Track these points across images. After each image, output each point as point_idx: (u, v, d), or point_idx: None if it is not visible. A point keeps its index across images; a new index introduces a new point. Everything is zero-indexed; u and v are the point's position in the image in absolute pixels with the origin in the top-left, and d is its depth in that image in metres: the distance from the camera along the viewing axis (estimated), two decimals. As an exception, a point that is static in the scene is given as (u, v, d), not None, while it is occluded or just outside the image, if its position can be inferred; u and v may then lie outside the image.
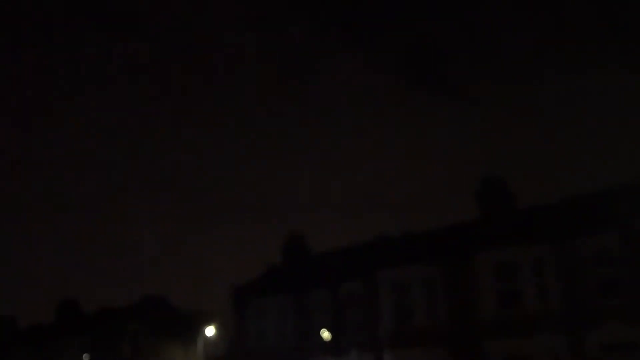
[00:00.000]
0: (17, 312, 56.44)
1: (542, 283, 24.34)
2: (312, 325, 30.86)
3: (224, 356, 48.00)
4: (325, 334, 30.28)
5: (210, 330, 43.18)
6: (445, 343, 25.90)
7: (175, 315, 44.69)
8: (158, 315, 43.32)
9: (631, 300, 22.64)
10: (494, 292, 25.03)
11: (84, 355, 41.25)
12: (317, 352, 30.14)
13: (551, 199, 27.62)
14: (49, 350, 43.69)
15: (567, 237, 24.41)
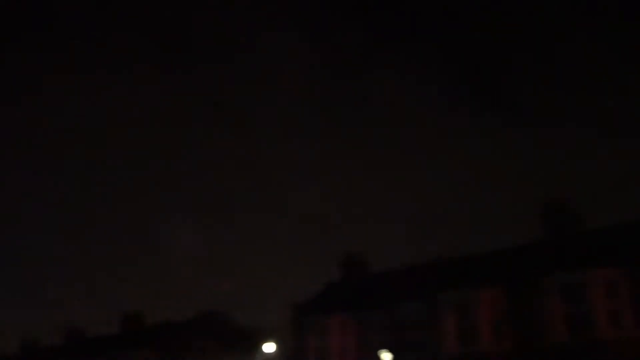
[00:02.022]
0: (85, 323, 58.24)
1: (614, 307, 23.54)
2: (371, 344, 30.69)
3: (283, 373, 48.22)
4: (385, 354, 30.07)
5: (269, 347, 43.49)
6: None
7: (235, 331, 45.27)
8: (219, 330, 43.97)
9: None
10: (563, 316, 24.36)
11: (147, 366, 42.17)
12: (377, 372, 29.93)
13: (622, 221, 26.79)
14: (113, 360, 44.89)
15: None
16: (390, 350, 29.89)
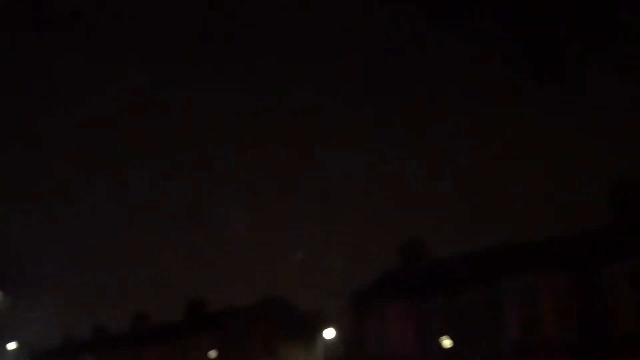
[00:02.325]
0: (149, 309, 59.97)
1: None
2: (432, 332, 30.40)
3: (343, 359, 48.47)
4: (446, 342, 29.76)
5: (329, 333, 43.77)
6: (576, 357, 24.55)
7: (296, 317, 45.69)
8: (281, 316, 44.47)
9: None
10: (631, 305, 23.42)
11: (211, 351, 43.17)
12: (437, 359, 29.66)
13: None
14: (178, 346, 46.16)
15: None
16: (451, 338, 29.56)
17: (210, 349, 43.39)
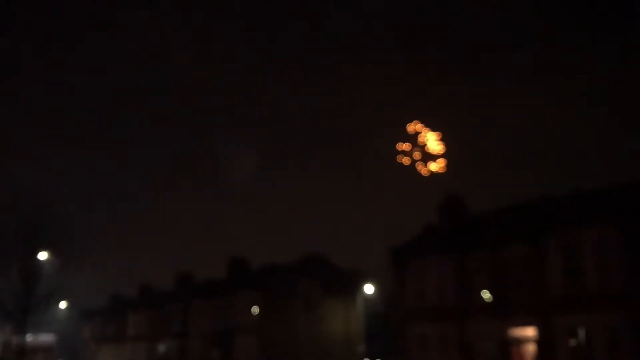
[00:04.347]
0: (193, 268, 61.39)
1: None
2: (472, 286, 30.23)
3: (383, 314, 48.90)
4: (487, 295, 29.61)
5: (369, 288, 44.11)
6: (623, 308, 24.09)
7: (336, 273, 46.12)
8: (322, 272, 44.95)
9: None
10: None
11: (254, 307, 44.00)
12: (478, 313, 29.56)
13: None
14: (221, 303, 47.17)
15: None
16: (492, 292, 29.37)
17: (253, 305, 44.18)
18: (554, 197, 30.20)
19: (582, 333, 25.38)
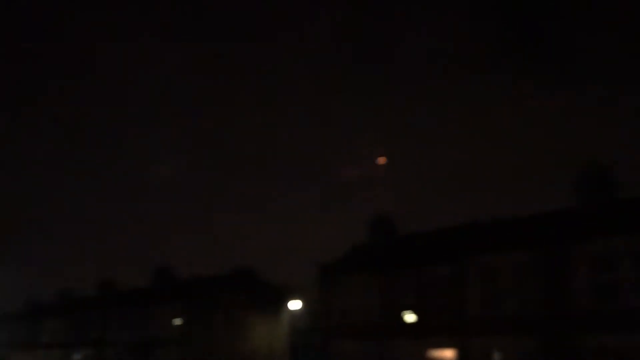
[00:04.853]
0: (116, 276, 59.73)
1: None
2: (396, 305, 30.75)
3: (308, 330, 48.88)
4: (408, 316, 30.15)
5: (295, 304, 44.06)
6: (536, 333, 25.06)
7: (263, 288, 45.87)
8: (247, 287, 44.62)
9: None
10: (591, 285, 23.88)
11: (176, 319, 43.16)
12: (400, 333, 30.07)
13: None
14: (143, 312, 46.06)
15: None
16: (415, 312, 29.95)
17: (176, 316, 43.36)
18: (477, 223, 31.22)
19: (498, 356, 26.16)
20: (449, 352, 28.20)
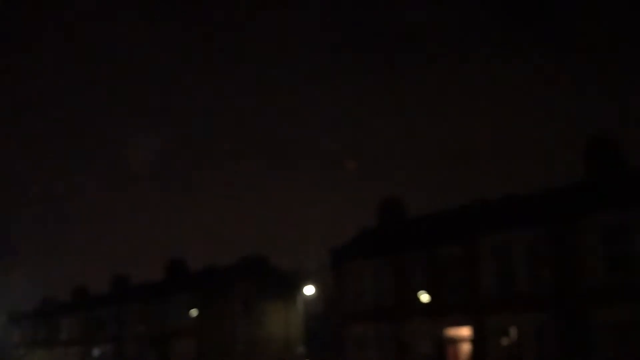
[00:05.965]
0: (129, 270, 60.14)
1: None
2: (409, 287, 30.84)
3: (322, 314, 49.19)
4: (424, 296, 30.26)
5: (309, 290, 44.28)
6: (549, 309, 25.11)
7: (276, 274, 46.12)
8: (260, 274, 44.84)
9: None
10: (602, 258, 23.85)
11: (192, 310, 43.44)
12: (415, 314, 30.17)
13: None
14: (158, 305, 46.39)
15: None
16: (428, 293, 30.04)
17: (191, 307, 43.65)
18: (487, 201, 31.15)
19: (513, 332, 26.25)
20: (464, 330, 28.33)
